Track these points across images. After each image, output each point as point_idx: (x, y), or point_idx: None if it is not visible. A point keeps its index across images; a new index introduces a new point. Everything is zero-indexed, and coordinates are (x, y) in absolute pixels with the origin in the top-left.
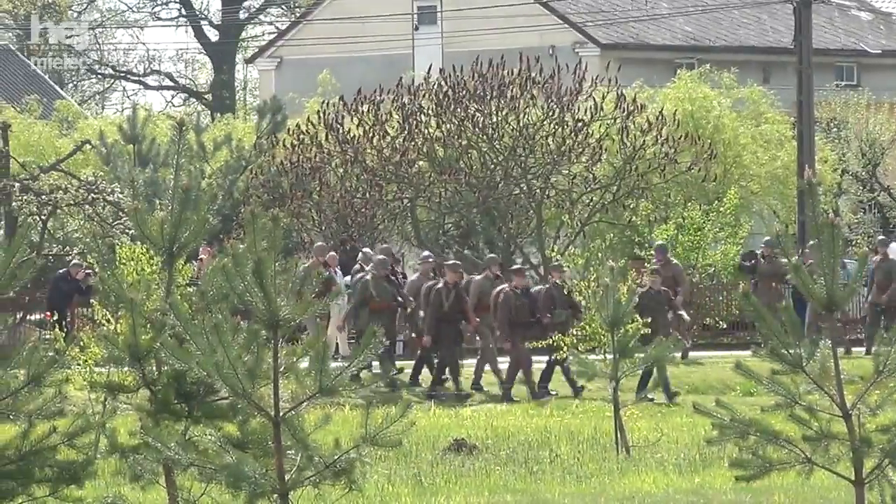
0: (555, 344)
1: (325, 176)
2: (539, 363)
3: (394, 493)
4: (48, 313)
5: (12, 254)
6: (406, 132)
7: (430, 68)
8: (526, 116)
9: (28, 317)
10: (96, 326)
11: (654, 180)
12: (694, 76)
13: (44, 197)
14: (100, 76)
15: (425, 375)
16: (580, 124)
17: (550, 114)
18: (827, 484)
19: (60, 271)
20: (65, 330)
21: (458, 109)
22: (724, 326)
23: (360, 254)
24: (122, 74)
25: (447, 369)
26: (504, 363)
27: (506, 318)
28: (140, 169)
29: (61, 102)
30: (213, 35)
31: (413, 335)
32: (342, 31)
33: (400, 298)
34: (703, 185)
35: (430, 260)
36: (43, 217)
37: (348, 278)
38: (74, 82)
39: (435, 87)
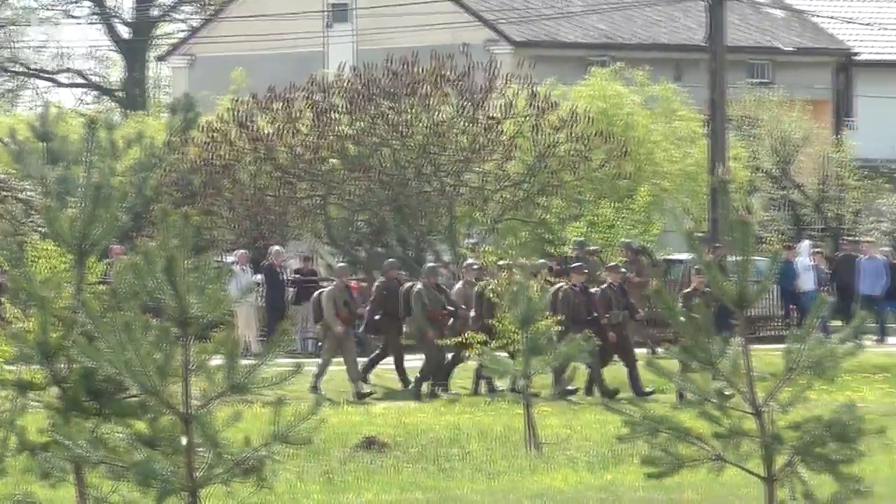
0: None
1: (237, 173)
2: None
3: (304, 490)
4: None
5: None
6: (318, 130)
7: (342, 66)
8: (438, 114)
9: None
10: (6, 324)
11: (567, 178)
12: (606, 74)
13: None
14: (11, 74)
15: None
16: (492, 122)
17: (463, 111)
18: (738, 481)
19: None
20: None
21: (371, 107)
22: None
23: (272, 251)
24: (34, 72)
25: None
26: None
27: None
28: (51, 166)
29: None
30: (125, 32)
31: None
32: (255, 28)
33: (451, 307)
34: (615, 182)
35: (475, 267)
36: None
37: (259, 276)
38: None
39: (347, 84)
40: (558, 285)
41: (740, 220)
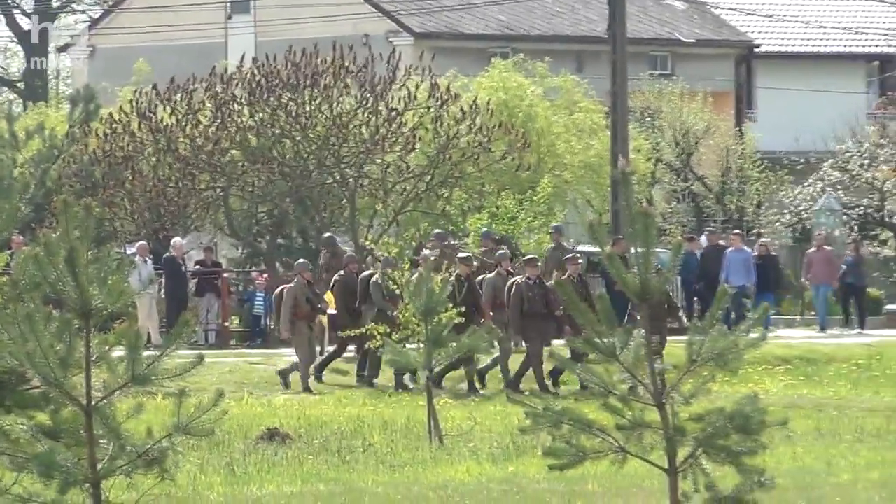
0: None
1: (138, 165)
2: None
3: (206, 482)
4: None
5: None
6: (219, 121)
7: (243, 57)
8: (339, 105)
9: None
10: None
11: (468, 169)
12: (508, 65)
13: None
14: None
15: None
16: (394, 113)
17: (364, 103)
18: (640, 472)
19: None
20: None
21: (272, 98)
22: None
23: (173, 242)
24: None
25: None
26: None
27: (518, 309)
28: None
29: None
30: (25, 24)
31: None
32: (155, 20)
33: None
34: (516, 174)
35: (433, 258)
36: None
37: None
38: None
39: (248, 75)
40: (514, 278)
41: (642, 211)
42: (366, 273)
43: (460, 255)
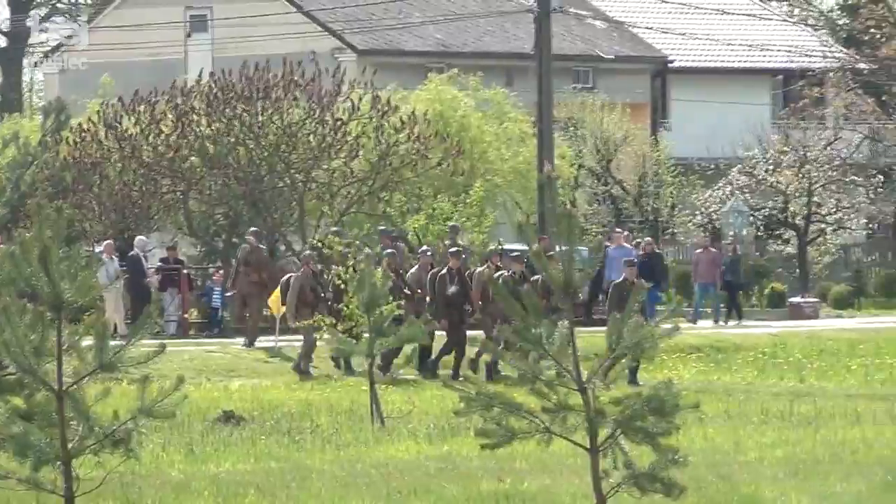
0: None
1: (105, 171)
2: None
3: (168, 460)
4: None
5: None
6: (179, 130)
7: (201, 72)
8: (289, 116)
9: None
10: None
11: (407, 175)
12: (443, 79)
13: None
14: None
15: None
16: (339, 123)
17: (312, 114)
18: (565, 451)
19: None
20: None
21: (227, 110)
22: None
23: (137, 241)
24: None
25: (454, 350)
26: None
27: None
28: None
29: None
30: (1, 41)
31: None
32: (121, 38)
33: (408, 291)
34: (451, 178)
35: (429, 254)
36: None
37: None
38: None
39: (206, 89)
40: (500, 272)
41: (565, 213)
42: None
43: (451, 249)
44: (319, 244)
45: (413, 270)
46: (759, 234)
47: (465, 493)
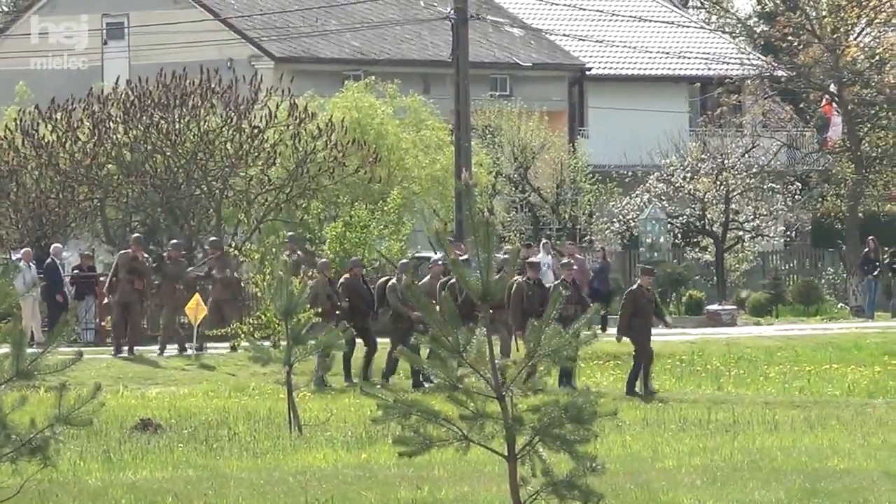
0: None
1: (22, 178)
2: None
3: (85, 468)
4: None
5: None
6: (96, 138)
7: (118, 79)
8: (206, 123)
9: None
10: None
11: (325, 182)
12: (360, 87)
13: None
14: None
15: None
16: (256, 131)
17: (229, 121)
18: (483, 459)
19: None
20: None
21: (144, 117)
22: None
23: (53, 249)
24: None
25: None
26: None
27: (519, 307)
28: None
29: None
30: None
31: None
32: (37, 45)
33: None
34: (368, 186)
35: (441, 263)
36: None
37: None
38: None
39: (123, 96)
40: (515, 279)
41: (483, 220)
42: (383, 279)
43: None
44: (236, 251)
45: (425, 280)
46: (676, 241)
47: (382, 501)
